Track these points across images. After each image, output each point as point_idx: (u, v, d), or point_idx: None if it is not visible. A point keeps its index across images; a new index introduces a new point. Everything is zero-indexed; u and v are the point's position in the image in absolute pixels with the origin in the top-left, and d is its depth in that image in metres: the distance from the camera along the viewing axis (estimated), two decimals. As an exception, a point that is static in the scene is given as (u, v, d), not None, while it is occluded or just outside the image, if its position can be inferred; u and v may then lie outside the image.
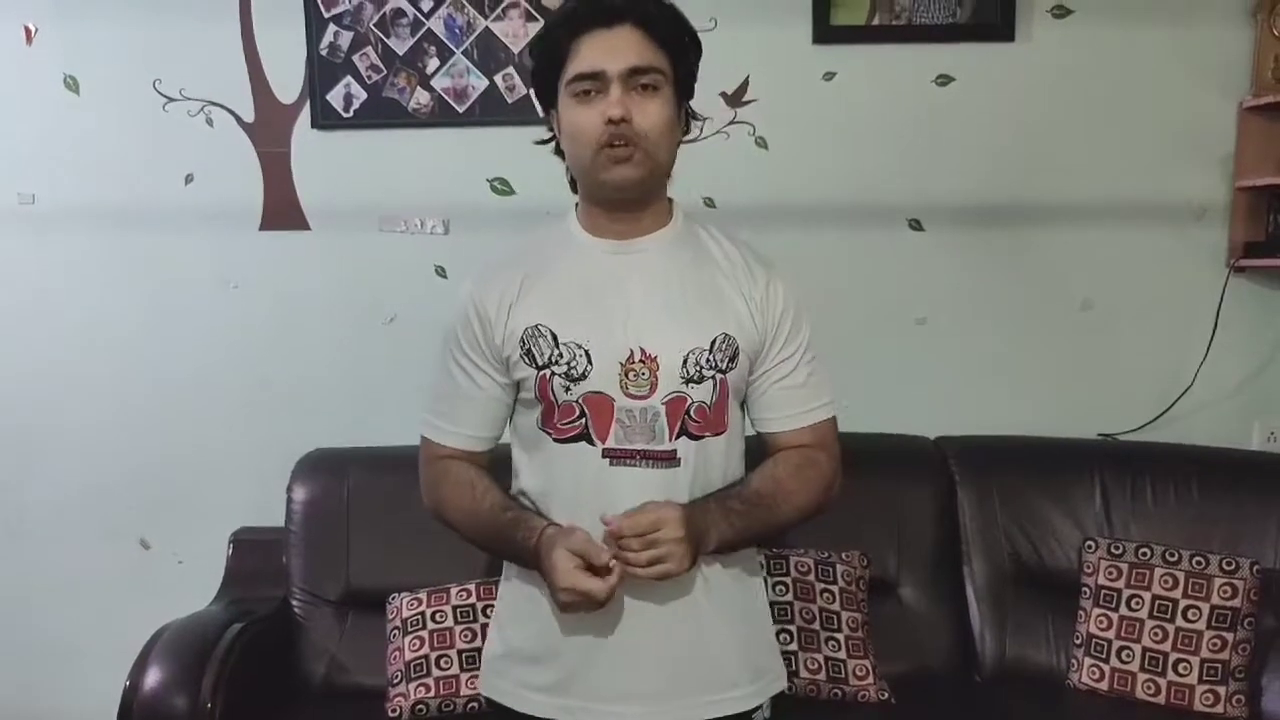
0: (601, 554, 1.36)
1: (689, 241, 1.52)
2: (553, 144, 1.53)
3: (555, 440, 1.45)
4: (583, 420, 1.43)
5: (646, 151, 1.40)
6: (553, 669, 1.48)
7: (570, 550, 1.36)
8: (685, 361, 1.43)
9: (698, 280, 1.48)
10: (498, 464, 1.56)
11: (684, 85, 1.46)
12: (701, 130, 1.59)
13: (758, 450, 1.54)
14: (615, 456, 1.42)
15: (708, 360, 1.44)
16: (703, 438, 1.45)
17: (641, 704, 1.46)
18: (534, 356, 1.44)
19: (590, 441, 1.43)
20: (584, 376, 1.42)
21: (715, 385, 1.45)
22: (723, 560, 1.48)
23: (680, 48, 1.44)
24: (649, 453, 1.42)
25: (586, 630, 1.45)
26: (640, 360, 1.42)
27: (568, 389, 1.43)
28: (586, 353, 1.42)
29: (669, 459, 1.43)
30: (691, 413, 1.44)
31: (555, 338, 1.43)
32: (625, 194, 1.44)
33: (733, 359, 1.46)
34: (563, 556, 1.36)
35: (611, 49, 1.39)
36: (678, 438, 1.43)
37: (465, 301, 1.51)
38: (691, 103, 1.51)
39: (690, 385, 1.43)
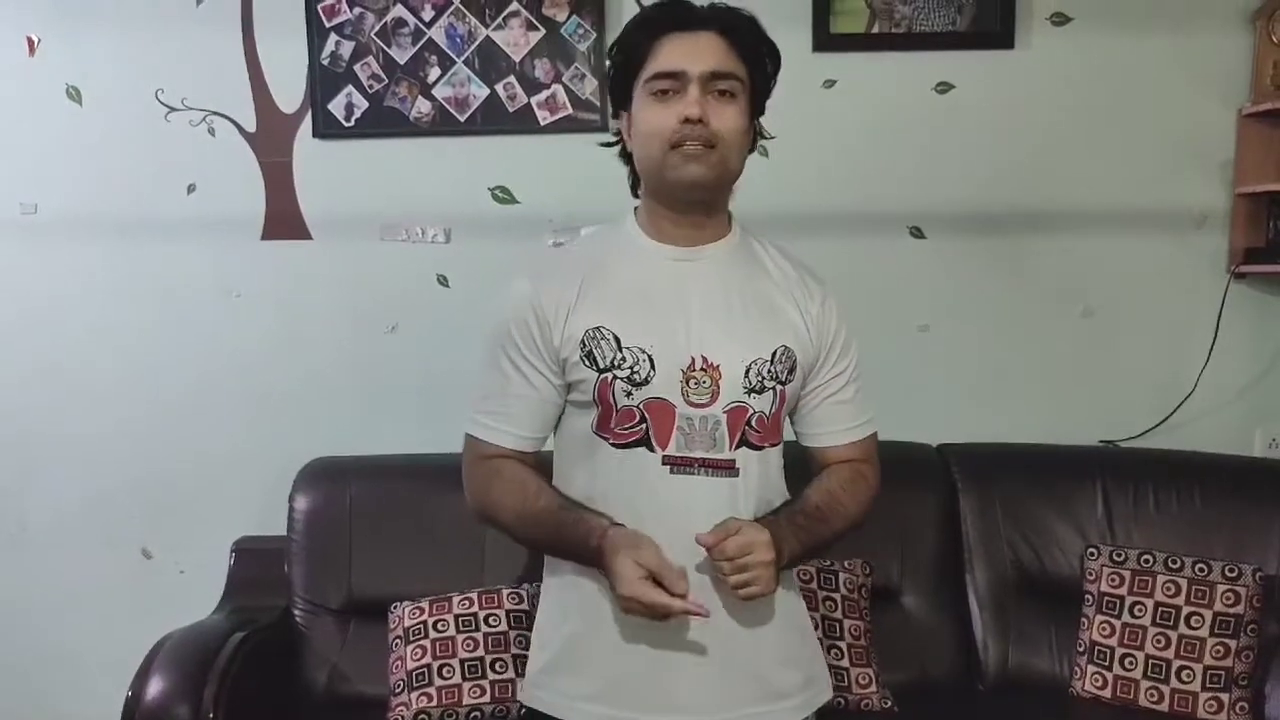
0: (678, 582, 1.34)
1: (746, 253, 1.53)
2: (619, 147, 1.53)
3: (613, 445, 1.44)
4: (643, 426, 1.42)
5: (720, 154, 1.41)
6: (598, 678, 1.46)
7: (639, 563, 1.34)
8: (748, 372, 1.43)
9: (755, 292, 1.49)
10: (543, 467, 1.54)
11: (759, 98, 1.48)
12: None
13: (796, 463, 1.56)
14: (675, 464, 1.42)
15: (769, 371, 1.45)
16: (762, 448, 1.46)
17: (688, 715, 1.44)
18: (595, 359, 1.43)
19: (650, 448, 1.42)
20: (646, 382, 1.41)
21: (775, 396, 1.46)
22: None
23: (760, 60, 1.45)
24: (709, 461, 1.42)
25: (634, 639, 1.44)
26: (702, 368, 1.42)
27: (629, 394, 1.42)
28: (650, 358, 1.42)
29: (729, 468, 1.43)
30: (753, 423, 1.44)
31: (619, 341, 1.43)
32: (695, 194, 1.44)
33: (791, 371, 1.47)
34: (629, 566, 1.34)
35: (693, 51, 1.40)
36: (738, 447, 1.44)
37: (522, 301, 1.48)
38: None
39: (752, 395, 1.44)
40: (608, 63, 1.52)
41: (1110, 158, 2.68)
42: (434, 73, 2.66)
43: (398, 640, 2.33)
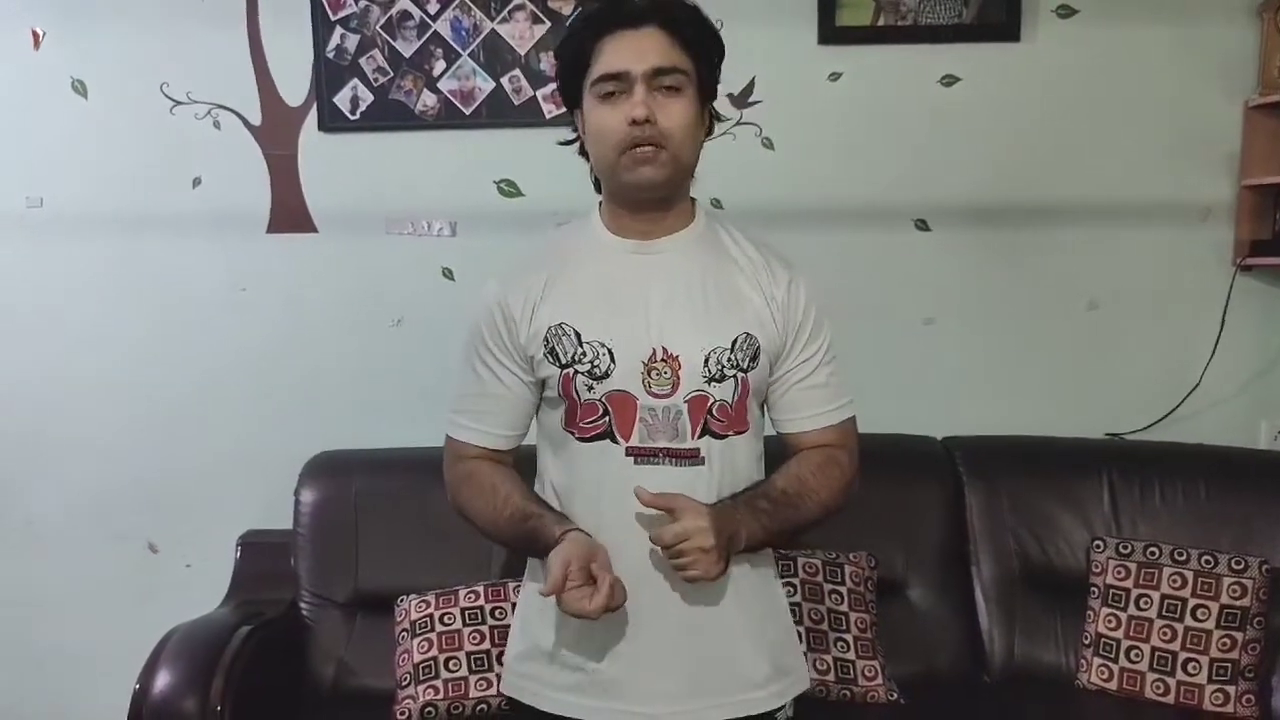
0: (605, 583, 1.35)
1: (710, 242, 1.53)
2: (577, 144, 1.54)
3: (579, 440, 1.46)
4: (606, 419, 1.44)
5: (671, 152, 1.41)
6: (576, 669, 1.48)
7: (565, 559, 1.35)
8: (707, 361, 1.44)
9: (719, 280, 1.49)
10: (522, 462, 1.56)
11: (707, 86, 1.47)
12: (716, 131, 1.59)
13: (777, 452, 1.55)
14: (639, 455, 1.43)
15: (729, 359, 1.45)
16: (726, 436, 1.46)
17: (665, 704, 1.46)
18: (558, 355, 1.45)
19: (614, 440, 1.44)
20: (607, 375, 1.43)
21: (737, 384, 1.45)
22: (747, 560, 1.48)
23: (704, 49, 1.45)
24: (672, 450, 1.43)
25: (610, 630, 1.45)
26: (662, 359, 1.43)
27: (590, 387, 1.43)
28: (610, 351, 1.43)
29: (692, 457, 1.44)
30: (714, 411, 1.44)
31: (579, 336, 1.44)
32: (649, 194, 1.45)
33: (754, 358, 1.47)
34: (556, 563, 1.35)
35: (635, 50, 1.40)
36: (701, 436, 1.44)
37: (490, 301, 1.51)
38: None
39: (712, 384, 1.44)
40: (553, 62, 1.53)
41: (1116, 150, 2.67)
42: (439, 66, 2.66)
43: (404, 633, 2.34)
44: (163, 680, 2.14)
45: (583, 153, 1.53)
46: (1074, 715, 2.30)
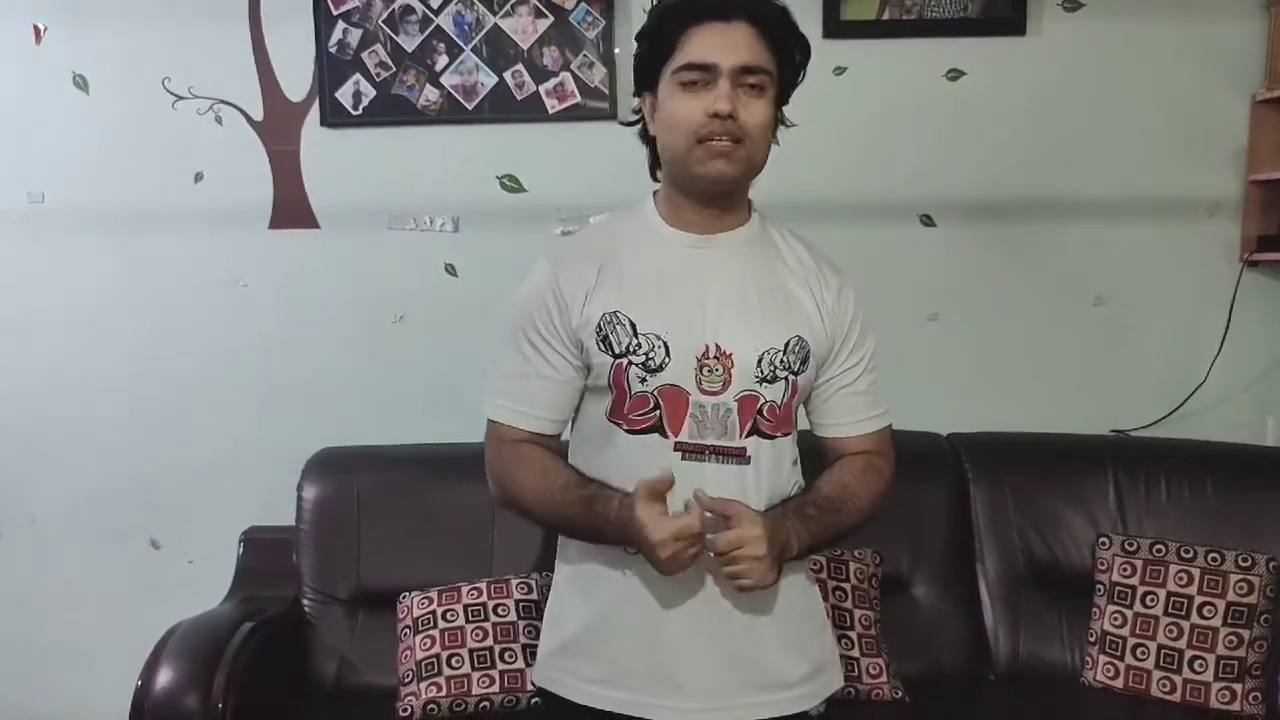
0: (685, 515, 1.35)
1: (765, 242, 1.53)
2: (639, 127, 1.52)
3: (627, 431, 1.44)
4: (657, 412, 1.43)
5: (747, 150, 1.40)
6: (607, 661, 1.48)
7: (650, 497, 1.35)
8: (760, 361, 1.44)
9: (772, 282, 1.49)
10: (564, 453, 1.54)
11: (786, 88, 1.47)
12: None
13: (811, 453, 1.55)
14: (687, 450, 1.43)
15: (782, 361, 1.45)
16: (774, 437, 1.46)
17: (696, 699, 1.45)
18: (611, 344, 1.44)
19: (663, 434, 1.43)
20: (661, 368, 1.42)
21: (787, 386, 1.46)
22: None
23: (788, 52, 1.45)
24: (720, 448, 1.43)
25: (643, 626, 1.45)
26: (715, 356, 1.43)
27: (644, 380, 1.42)
28: (665, 344, 1.42)
29: (739, 456, 1.43)
30: (764, 412, 1.44)
31: (634, 327, 1.43)
32: (718, 188, 1.44)
33: (804, 361, 1.47)
34: (647, 510, 1.35)
35: (726, 43, 1.39)
36: (749, 435, 1.44)
37: (542, 283, 1.48)
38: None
39: (764, 385, 1.44)
40: (634, 44, 1.50)
41: (1122, 145, 2.66)
42: (442, 60, 2.65)
43: (406, 630, 2.33)
44: (165, 677, 2.14)
45: (642, 136, 1.52)
46: (1079, 713, 2.29)
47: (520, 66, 2.65)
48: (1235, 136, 2.65)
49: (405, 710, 2.24)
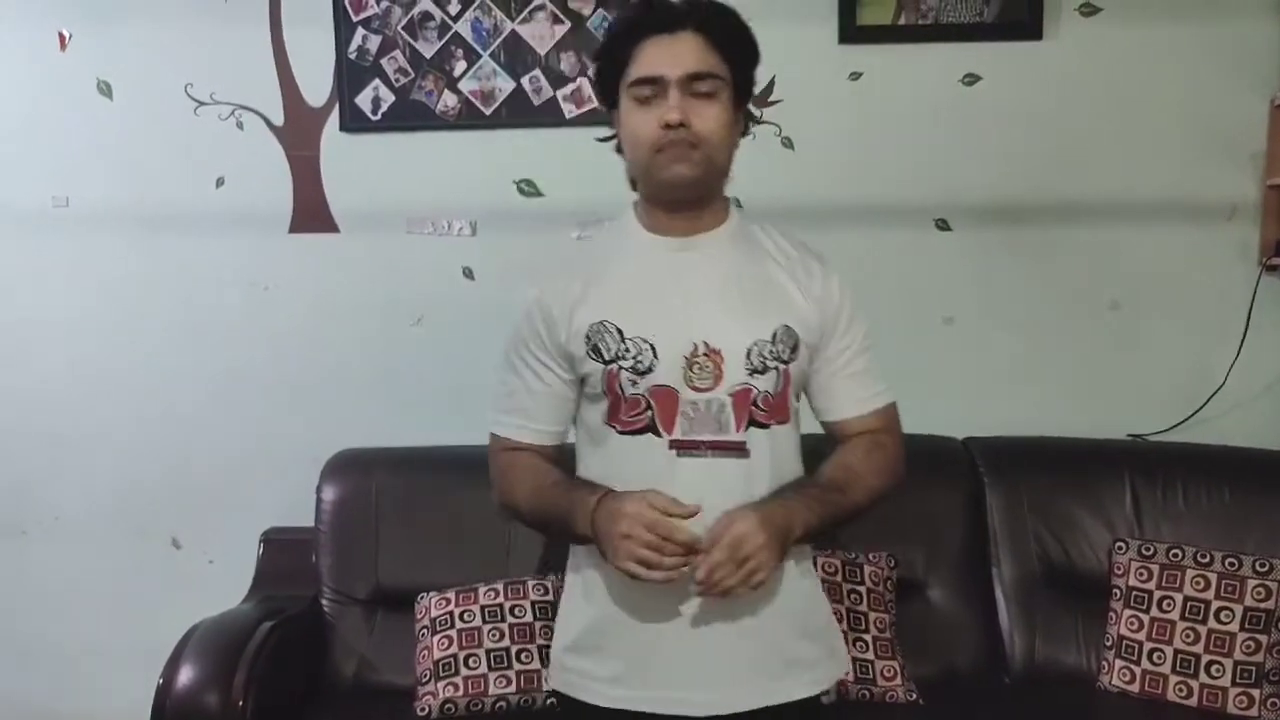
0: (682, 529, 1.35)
1: (746, 237, 1.56)
2: (615, 142, 1.56)
3: (621, 433, 1.48)
4: (649, 413, 1.46)
5: (704, 152, 1.44)
6: (618, 659, 1.50)
7: (650, 502, 1.35)
8: (749, 354, 1.46)
9: (755, 275, 1.52)
10: (564, 463, 1.58)
11: (742, 89, 1.50)
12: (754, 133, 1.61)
13: (814, 449, 1.57)
14: (682, 447, 1.45)
15: (770, 351, 1.47)
16: (770, 426, 1.48)
17: (708, 691, 1.47)
18: (600, 352, 1.47)
19: (657, 433, 1.46)
20: (650, 370, 1.45)
21: (779, 375, 1.48)
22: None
23: (739, 53, 1.48)
24: (716, 443, 1.45)
25: (651, 619, 1.47)
26: (704, 354, 1.45)
27: (634, 382, 1.46)
28: (652, 347, 1.46)
29: (738, 449, 1.46)
30: (759, 403, 1.47)
31: (621, 333, 1.47)
32: (682, 192, 1.48)
33: (794, 350, 1.49)
34: (638, 500, 1.35)
35: (671, 55, 1.43)
36: (747, 428, 1.46)
37: (530, 305, 1.54)
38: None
39: (755, 376, 1.47)
40: (592, 65, 1.56)
41: (1139, 149, 2.65)
42: (460, 66, 2.67)
43: (424, 630, 2.35)
44: (185, 675, 2.16)
45: (619, 150, 1.56)
46: (1095, 718, 2.29)
47: (538, 72, 2.66)
48: (1254, 140, 2.63)
49: (423, 709, 2.26)
